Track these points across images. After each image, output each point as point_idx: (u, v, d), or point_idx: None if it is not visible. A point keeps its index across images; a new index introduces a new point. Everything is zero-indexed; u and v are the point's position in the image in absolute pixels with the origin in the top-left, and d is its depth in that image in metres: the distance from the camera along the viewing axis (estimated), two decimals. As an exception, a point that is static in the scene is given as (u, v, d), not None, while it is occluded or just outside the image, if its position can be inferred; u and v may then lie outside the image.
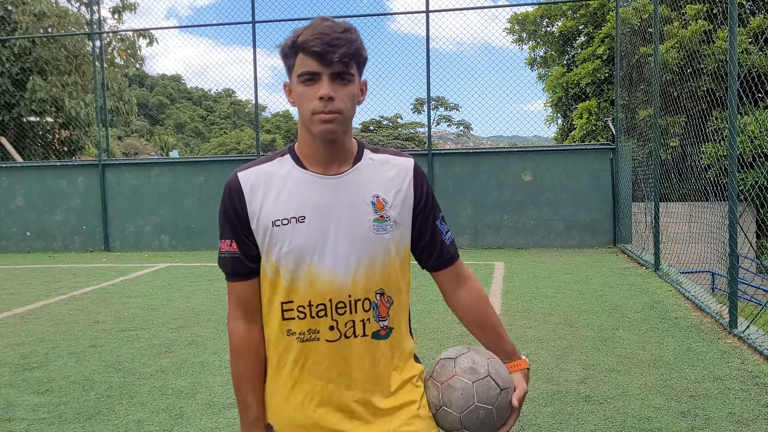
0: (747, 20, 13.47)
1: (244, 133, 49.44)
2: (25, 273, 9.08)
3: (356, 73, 1.32)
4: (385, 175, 1.39)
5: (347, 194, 1.35)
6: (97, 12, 12.73)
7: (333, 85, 1.28)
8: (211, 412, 3.52)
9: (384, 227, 1.36)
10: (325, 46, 1.25)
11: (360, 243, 1.34)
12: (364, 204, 1.36)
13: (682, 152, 10.21)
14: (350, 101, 1.31)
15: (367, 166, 1.39)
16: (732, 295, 4.85)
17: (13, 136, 15.42)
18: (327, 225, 1.33)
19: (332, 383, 1.35)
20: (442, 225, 1.46)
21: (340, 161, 1.37)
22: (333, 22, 1.30)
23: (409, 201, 1.40)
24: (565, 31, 19.45)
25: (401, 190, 1.39)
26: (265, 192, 1.36)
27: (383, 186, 1.38)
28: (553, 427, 3.19)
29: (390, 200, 1.37)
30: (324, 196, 1.34)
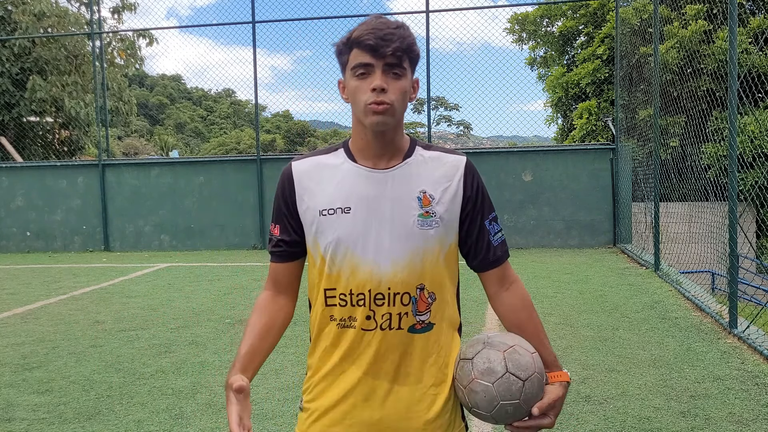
0: (747, 20, 13.47)
1: (244, 133, 49.44)
2: (25, 273, 9.08)
3: (408, 69, 1.35)
4: (435, 172, 1.41)
5: (394, 188, 1.37)
6: (97, 12, 12.73)
7: (385, 77, 1.30)
8: (211, 412, 3.52)
9: (429, 223, 1.37)
10: (378, 40, 1.28)
11: (403, 237, 1.35)
12: (410, 199, 1.37)
13: (682, 152, 10.22)
14: (402, 95, 1.33)
15: (416, 162, 1.41)
16: (732, 295, 4.85)
17: (13, 136, 15.42)
18: (372, 217, 1.36)
19: (362, 371, 1.37)
20: (491, 225, 1.45)
21: (390, 156, 1.39)
22: (386, 19, 1.34)
23: (458, 199, 1.40)
24: (565, 31, 19.45)
25: (450, 187, 1.40)
26: (316, 182, 1.40)
27: (431, 182, 1.39)
28: (554, 427, 3.19)
29: (437, 197, 1.38)
30: (371, 189, 1.37)
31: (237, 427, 1.25)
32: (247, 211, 11.18)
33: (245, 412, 1.30)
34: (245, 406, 1.30)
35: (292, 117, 52.50)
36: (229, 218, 11.25)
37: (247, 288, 7.34)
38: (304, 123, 52.74)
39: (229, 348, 4.81)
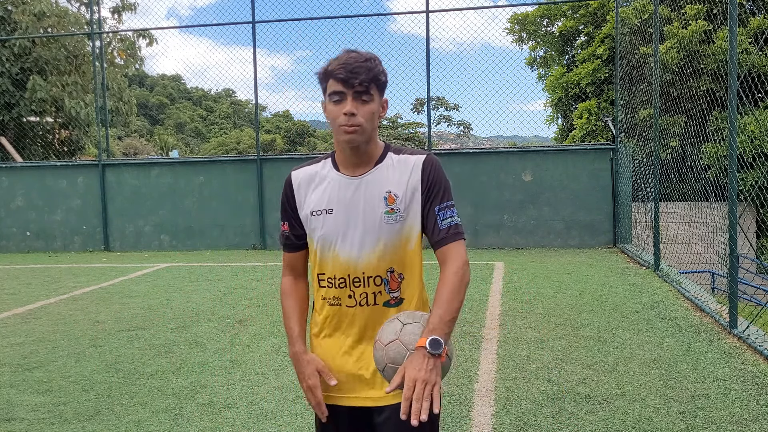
0: (747, 20, 13.47)
1: (244, 133, 49.44)
2: (25, 273, 9.08)
3: (376, 94, 1.63)
4: (401, 174, 1.69)
5: (365, 192, 1.68)
6: (97, 12, 12.73)
7: (355, 103, 1.60)
8: (211, 412, 3.52)
9: (394, 218, 1.67)
10: (348, 73, 1.57)
11: (373, 231, 1.66)
12: (378, 199, 1.67)
13: (682, 152, 10.22)
14: (370, 116, 1.62)
15: (386, 167, 1.70)
16: (732, 295, 4.85)
17: (13, 136, 15.42)
18: (348, 216, 1.68)
19: (350, 338, 1.72)
20: (441, 212, 1.68)
21: (364, 165, 1.70)
22: (357, 53, 1.61)
23: (417, 193, 1.68)
24: (565, 31, 19.45)
25: (411, 184, 1.68)
26: (308, 188, 1.74)
27: (396, 183, 1.68)
28: (554, 427, 3.19)
29: (401, 195, 1.67)
30: (348, 193, 1.69)
31: (319, 406, 1.71)
32: (247, 211, 11.18)
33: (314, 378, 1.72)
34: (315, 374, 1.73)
35: (292, 117, 52.50)
36: (229, 218, 11.25)
37: (247, 288, 7.33)
38: (304, 123, 52.74)
39: (229, 348, 4.81)
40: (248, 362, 4.42)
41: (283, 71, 58.69)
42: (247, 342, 4.96)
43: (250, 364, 4.37)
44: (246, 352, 4.69)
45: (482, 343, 4.73)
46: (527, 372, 4.02)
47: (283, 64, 71.83)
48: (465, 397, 3.64)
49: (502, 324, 5.30)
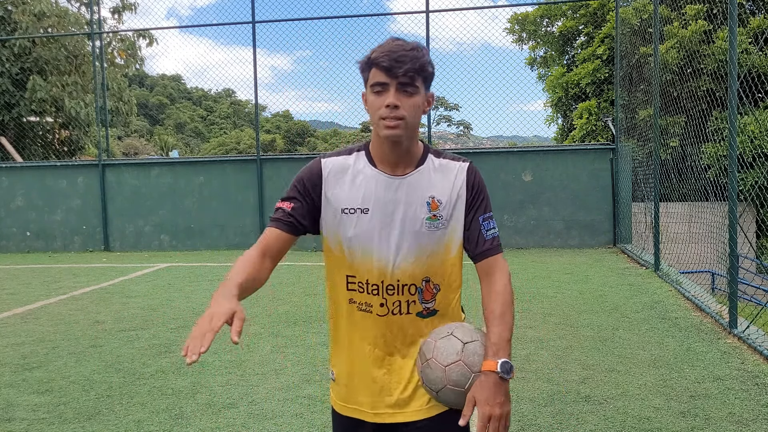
0: (747, 20, 13.46)
1: (244, 133, 49.45)
2: (25, 273, 9.08)
3: (421, 86, 1.51)
4: (443, 179, 1.59)
5: (407, 194, 1.56)
6: (97, 12, 12.73)
7: (399, 95, 1.47)
8: (210, 412, 3.52)
9: (436, 225, 1.56)
10: (392, 62, 1.45)
11: (412, 237, 1.55)
12: (420, 204, 1.56)
13: (682, 152, 10.21)
14: (414, 110, 1.50)
15: (428, 170, 1.59)
16: (732, 295, 4.85)
17: (13, 136, 15.42)
18: (386, 218, 1.55)
19: (378, 348, 1.59)
20: (485, 222, 1.60)
21: (405, 164, 1.57)
22: (403, 41, 1.50)
23: (461, 202, 1.59)
24: (565, 31, 19.44)
25: (455, 191, 1.58)
26: (339, 180, 1.59)
27: (440, 189, 1.58)
28: (553, 427, 3.19)
29: (444, 201, 1.57)
30: (388, 194, 1.56)
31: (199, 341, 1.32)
32: (247, 211, 11.18)
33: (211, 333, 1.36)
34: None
35: (292, 117, 52.50)
36: (229, 218, 11.25)
37: (247, 288, 7.33)
38: (304, 123, 52.74)
39: (228, 348, 4.81)
40: (248, 362, 4.42)
41: (283, 71, 58.68)
42: (247, 342, 4.96)
43: (250, 364, 4.37)
44: (246, 352, 4.69)
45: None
46: (527, 372, 4.02)
47: (283, 64, 71.83)
48: (465, 397, 3.63)
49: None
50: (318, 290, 7.07)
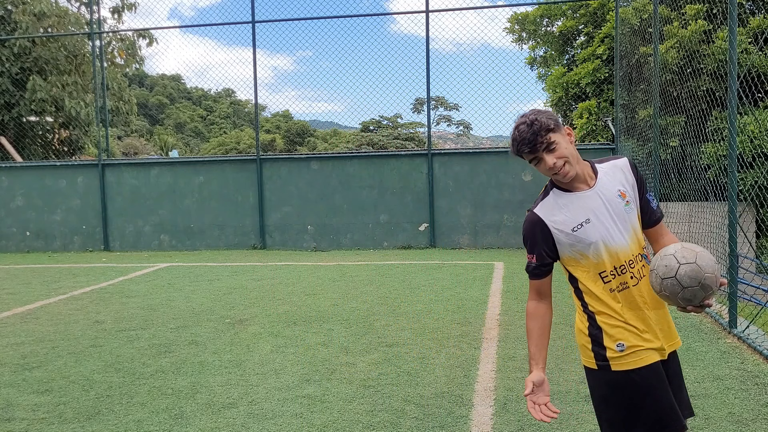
0: (747, 20, 13.46)
1: (244, 133, 49.41)
2: (24, 273, 9.08)
3: (555, 137, 1.96)
4: (617, 175, 2.08)
5: (603, 196, 2.03)
6: (97, 12, 12.72)
7: (548, 156, 1.96)
8: (210, 412, 3.52)
9: (631, 208, 2.06)
10: (522, 149, 1.98)
11: (624, 221, 2.03)
12: (614, 199, 2.04)
13: (681, 152, 10.21)
14: (564, 155, 1.97)
15: (604, 175, 2.07)
16: (732, 295, 4.85)
17: (13, 136, 15.41)
18: (603, 218, 2.02)
19: (640, 309, 2.04)
20: (650, 196, 2.12)
21: (588, 180, 2.05)
22: (524, 123, 1.97)
23: (635, 186, 2.09)
24: (565, 31, 19.44)
25: (628, 180, 2.08)
26: (556, 216, 2.05)
27: (619, 182, 2.07)
28: (553, 427, 3.19)
29: (627, 190, 2.07)
30: (592, 202, 2.03)
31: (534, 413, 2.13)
32: (247, 211, 11.18)
33: (540, 397, 2.15)
34: (539, 391, 2.14)
35: (292, 117, 52.47)
36: (228, 218, 11.25)
37: (247, 288, 7.33)
38: (303, 123, 52.73)
39: (228, 348, 4.82)
40: (248, 362, 4.42)
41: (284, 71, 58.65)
42: (247, 342, 4.96)
43: (250, 364, 4.37)
44: (246, 352, 4.69)
45: (482, 343, 4.73)
46: (527, 372, 4.02)
47: (284, 64, 71.82)
48: (465, 397, 3.64)
49: (502, 324, 5.30)
50: (318, 290, 7.07)
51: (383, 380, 3.96)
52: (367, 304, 6.25)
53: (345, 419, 3.38)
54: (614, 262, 2.01)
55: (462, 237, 10.57)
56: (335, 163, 11.07)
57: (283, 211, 11.11)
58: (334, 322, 5.50)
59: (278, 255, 10.39)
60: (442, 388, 3.81)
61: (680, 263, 1.85)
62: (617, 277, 2.02)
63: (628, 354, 2.02)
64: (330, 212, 10.99)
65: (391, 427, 3.26)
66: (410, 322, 5.40)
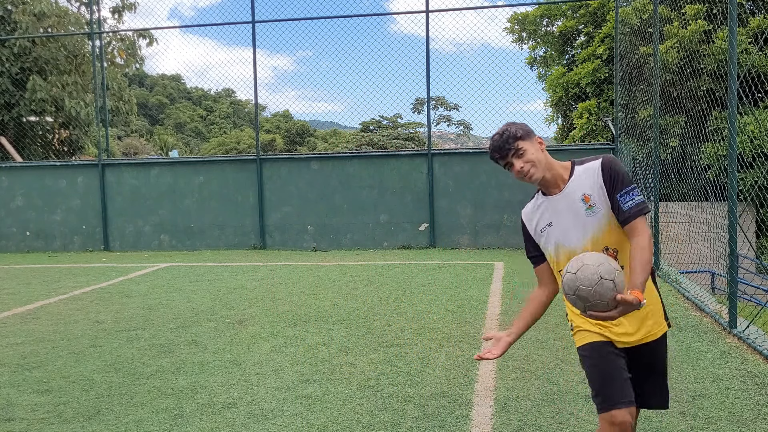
0: (747, 20, 13.46)
1: (244, 133, 49.42)
2: (24, 273, 9.08)
3: (524, 144, 2.22)
4: (588, 179, 2.23)
5: (566, 201, 2.25)
6: (97, 12, 12.72)
7: (518, 160, 2.23)
8: (210, 412, 3.52)
9: (594, 211, 2.21)
10: (498, 155, 2.28)
11: (583, 225, 2.22)
12: (577, 203, 2.23)
13: (681, 152, 10.21)
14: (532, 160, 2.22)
15: (577, 177, 2.25)
16: (732, 295, 4.85)
17: (13, 136, 15.41)
18: (563, 222, 2.25)
19: None
20: (621, 197, 2.17)
21: (559, 184, 2.27)
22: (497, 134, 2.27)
23: (603, 190, 2.20)
24: (565, 31, 19.44)
25: (598, 184, 2.20)
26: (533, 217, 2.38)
27: (588, 186, 2.22)
28: (553, 427, 3.19)
29: (592, 193, 2.21)
30: (557, 207, 2.28)
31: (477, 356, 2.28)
32: (247, 211, 11.18)
33: (492, 349, 2.31)
34: (495, 346, 2.33)
35: (292, 117, 52.47)
36: (228, 218, 11.25)
37: (247, 288, 7.33)
38: (303, 123, 52.73)
39: (228, 348, 4.82)
40: (248, 362, 4.42)
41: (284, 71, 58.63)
42: (247, 342, 4.96)
43: (250, 364, 4.37)
44: (246, 352, 4.69)
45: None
46: (527, 372, 4.02)
47: (284, 64, 71.81)
48: (465, 397, 3.64)
49: (502, 324, 5.30)
50: (318, 290, 7.07)
51: (383, 380, 3.96)
52: (367, 304, 6.25)
53: (345, 419, 3.38)
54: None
55: (462, 237, 10.57)
56: (335, 163, 11.07)
57: (283, 211, 11.11)
58: (334, 322, 5.50)
59: (278, 255, 10.39)
60: (442, 388, 3.81)
61: (565, 272, 2.05)
62: None
63: (576, 333, 2.39)
64: (330, 212, 10.99)
65: (391, 427, 3.26)
66: (410, 322, 5.40)
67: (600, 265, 1.99)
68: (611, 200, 2.19)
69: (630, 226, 2.17)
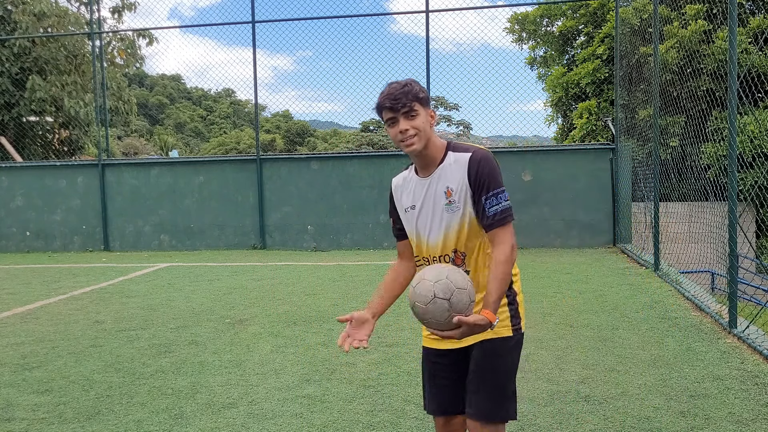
0: (747, 20, 13.46)
1: (244, 133, 49.43)
2: (24, 273, 9.08)
3: (420, 109, 2.00)
4: (456, 171, 2.04)
5: (431, 189, 2.08)
6: (97, 12, 12.72)
7: (406, 121, 1.99)
8: (210, 412, 3.52)
9: (452, 209, 2.05)
10: (393, 102, 1.98)
11: (439, 219, 2.07)
12: (440, 195, 2.06)
13: (681, 152, 10.21)
14: (421, 126, 2.00)
15: (445, 167, 2.06)
16: (732, 295, 4.85)
17: (13, 136, 15.41)
18: (424, 210, 2.10)
19: None
20: (488, 201, 2.00)
21: (430, 166, 2.09)
22: (397, 83, 2.01)
23: (465, 186, 2.03)
24: (565, 31, 19.44)
25: (463, 179, 2.03)
26: (402, 191, 2.20)
27: (452, 180, 2.04)
28: (553, 427, 3.19)
29: (456, 189, 2.04)
30: (422, 192, 2.11)
31: (340, 340, 2.06)
32: (247, 211, 11.18)
33: (357, 332, 2.09)
34: (358, 328, 2.09)
35: (292, 117, 52.49)
36: (228, 218, 11.25)
37: (247, 288, 7.34)
38: (303, 123, 52.75)
39: (229, 348, 4.81)
40: (248, 362, 4.42)
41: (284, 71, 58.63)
42: (247, 342, 4.96)
43: (250, 364, 4.37)
44: (246, 352, 4.69)
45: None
46: (527, 372, 4.02)
47: (284, 64, 71.82)
48: (465, 397, 3.63)
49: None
50: (318, 290, 7.07)
51: (383, 380, 3.96)
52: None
53: (345, 419, 3.38)
54: (423, 253, 2.14)
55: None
56: (335, 163, 11.07)
57: (283, 211, 11.11)
58: (334, 322, 5.50)
59: (278, 255, 10.39)
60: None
61: (410, 285, 2.00)
62: (426, 265, 2.08)
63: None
64: (330, 212, 10.99)
65: (391, 427, 3.26)
66: (410, 322, 5.40)
67: (437, 282, 1.86)
68: (476, 202, 2.02)
69: (492, 234, 2.01)
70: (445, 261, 2.07)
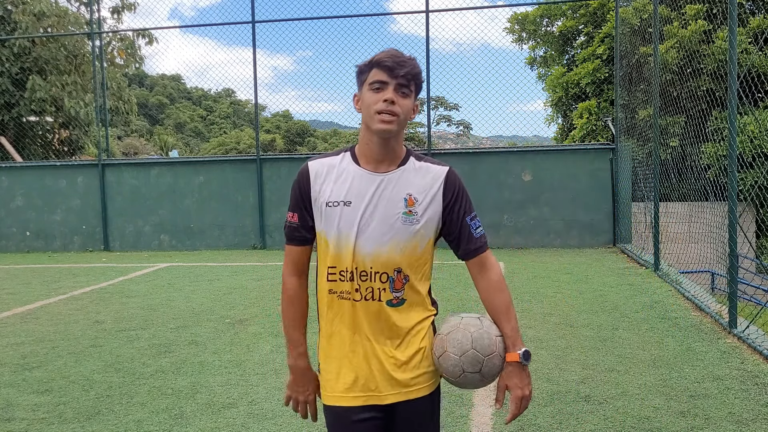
0: (747, 20, 13.46)
1: (244, 133, 49.43)
2: (24, 273, 9.08)
3: (413, 92, 1.68)
4: (422, 180, 1.72)
5: (387, 189, 1.69)
6: (97, 12, 12.72)
7: (396, 94, 1.63)
8: (210, 412, 3.52)
9: (410, 220, 1.69)
10: (395, 64, 1.62)
11: (388, 229, 1.68)
12: (398, 199, 1.69)
13: (681, 152, 10.21)
14: (406, 111, 1.66)
15: (409, 170, 1.72)
16: (732, 295, 4.85)
17: (13, 136, 15.41)
18: (367, 211, 1.68)
19: (353, 333, 1.74)
20: (472, 222, 1.75)
21: (389, 162, 1.72)
22: (407, 57, 1.67)
23: (437, 203, 1.72)
24: (565, 31, 19.45)
25: (431, 192, 1.71)
26: (326, 179, 1.72)
27: (417, 188, 1.71)
28: (553, 427, 3.19)
29: (421, 200, 1.70)
30: (370, 188, 1.69)
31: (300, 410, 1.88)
32: (247, 211, 11.18)
33: (306, 389, 1.91)
34: (306, 385, 1.92)
35: (292, 117, 52.48)
36: (228, 218, 11.25)
37: (247, 288, 7.33)
38: (303, 123, 52.75)
39: (229, 348, 4.81)
40: (248, 362, 4.42)
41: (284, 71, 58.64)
42: (247, 342, 4.96)
43: (249, 364, 4.37)
44: (246, 352, 4.69)
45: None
46: (527, 372, 4.02)
47: (284, 64, 71.85)
48: (465, 397, 3.64)
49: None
50: (318, 290, 7.07)
51: (383, 380, 3.96)
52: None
53: (345, 419, 3.38)
54: (347, 263, 1.70)
55: (462, 237, 10.55)
56: (335, 163, 11.05)
57: (283, 211, 11.06)
58: (334, 322, 5.50)
59: (278, 255, 10.39)
60: (442, 387, 3.80)
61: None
62: (345, 282, 1.71)
63: (327, 378, 1.89)
64: (330, 212, 10.98)
65: (391, 427, 3.26)
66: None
67: (463, 355, 1.63)
68: (455, 221, 1.72)
69: (481, 258, 1.75)
70: (381, 281, 1.68)
